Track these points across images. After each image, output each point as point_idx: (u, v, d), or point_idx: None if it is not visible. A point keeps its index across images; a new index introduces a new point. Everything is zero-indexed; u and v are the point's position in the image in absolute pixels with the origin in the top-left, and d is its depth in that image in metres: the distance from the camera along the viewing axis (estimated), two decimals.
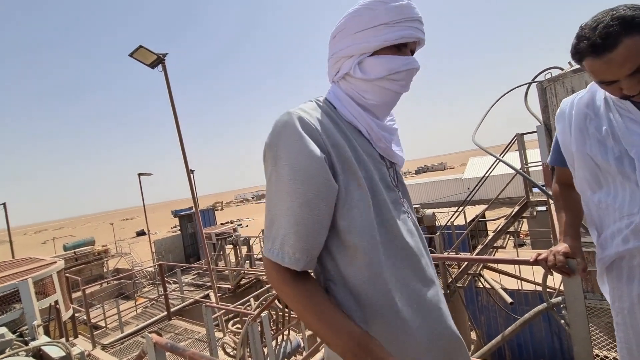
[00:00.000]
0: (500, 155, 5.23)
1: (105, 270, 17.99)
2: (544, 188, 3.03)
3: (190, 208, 16.12)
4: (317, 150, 0.65)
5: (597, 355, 1.99)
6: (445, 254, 6.09)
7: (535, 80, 4.00)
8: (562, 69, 4.10)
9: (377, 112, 0.78)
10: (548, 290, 2.89)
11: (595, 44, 0.82)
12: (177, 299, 9.23)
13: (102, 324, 8.08)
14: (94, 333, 6.55)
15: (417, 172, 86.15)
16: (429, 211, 7.56)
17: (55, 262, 4.74)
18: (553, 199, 1.34)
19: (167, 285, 11.03)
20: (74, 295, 9.97)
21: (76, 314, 7.41)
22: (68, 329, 6.27)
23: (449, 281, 5.70)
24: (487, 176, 6.51)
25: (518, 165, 5.47)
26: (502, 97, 4.18)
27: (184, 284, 10.75)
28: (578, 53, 0.88)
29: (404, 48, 0.75)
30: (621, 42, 0.79)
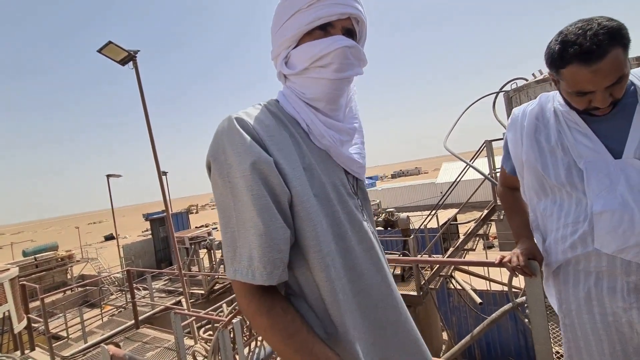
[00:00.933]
0: (470, 161, 5.44)
1: (69, 277, 16.97)
2: None
3: (163, 211, 15.57)
4: (265, 153, 0.61)
5: (557, 352, 2.09)
6: (419, 257, 6.22)
7: (502, 90, 4.22)
8: (526, 80, 4.35)
9: (322, 107, 0.71)
10: (513, 290, 3.02)
11: (588, 51, 0.80)
12: (147, 306, 8.86)
13: (64, 334, 7.61)
14: (54, 344, 6.15)
15: (393, 176, 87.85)
16: (403, 215, 7.71)
17: (8, 269, 4.41)
18: (501, 202, 1.39)
19: (137, 291, 10.61)
20: (32, 305, 9.33)
21: (34, 325, 6.93)
22: (23, 341, 5.84)
23: (422, 283, 5.82)
24: (458, 181, 6.73)
25: (487, 171, 5.71)
26: (471, 105, 4.36)
27: (154, 290, 10.34)
28: (563, 58, 0.86)
29: (332, 29, 0.68)
30: (609, 52, 0.80)
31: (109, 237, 42.48)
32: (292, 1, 0.68)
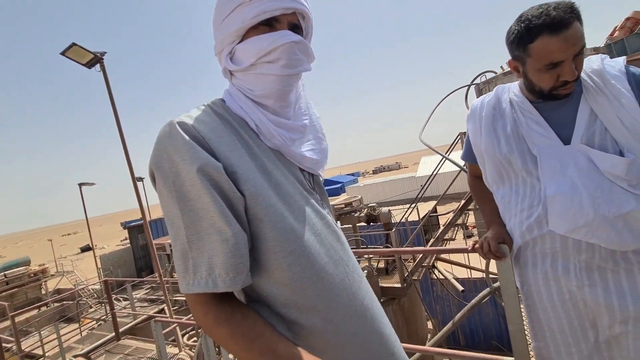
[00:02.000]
0: (445, 153, 5.57)
1: (43, 292, 16.19)
2: None
3: (141, 219, 15.09)
4: (213, 159, 0.58)
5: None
6: (404, 247, 6.32)
7: (473, 83, 4.35)
8: (495, 72, 4.50)
9: (271, 105, 0.69)
10: (491, 275, 3.12)
11: (557, 20, 0.86)
12: (129, 316, 8.58)
13: (40, 352, 7.25)
14: None
15: (375, 171, 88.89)
16: (385, 209, 7.82)
17: None
18: (470, 189, 1.44)
19: (117, 302, 10.25)
20: (3, 325, 8.85)
21: (6, 345, 6.56)
22: None
23: (405, 275, 5.93)
24: (436, 174, 6.89)
25: (462, 162, 5.85)
26: (444, 98, 4.47)
27: (136, 300, 10.03)
28: (532, 31, 0.90)
29: (277, 24, 0.66)
30: (573, 22, 0.87)
31: (86, 249, 40.83)
32: None
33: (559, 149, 0.99)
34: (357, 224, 8.26)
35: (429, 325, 7.72)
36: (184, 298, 10.08)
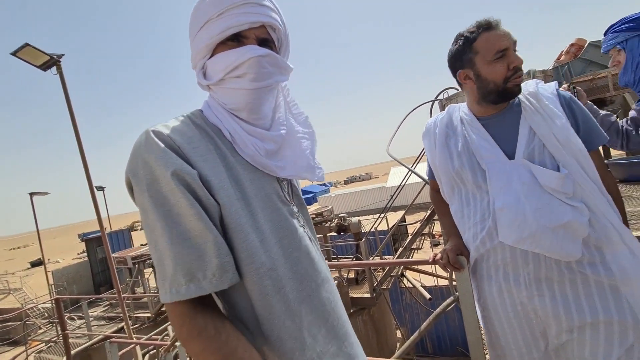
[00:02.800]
0: (412, 166, 5.76)
1: None
2: None
3: (100, 230, 14.17)
4: (187, 166, 0.60)
5: None
6: (370, 259, 6.41)
7: (437, 98, 4.56)
8: (457, 89, 4.76)
9: (247, 117, 0.70)
10: (454, 284, 3.24)
11: (489, 22, 1.05)
12: (83, 337, 7.96)
13: None
14: None
15: (346, 182, 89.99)
16: (355, 219, 7.91)
17: None
18: (433, 204, 1.49)
19: (71, 322, 9.47)
20: None
21: None
22: None
23: (374, 285, 5.99)
24: (404, 185, 7.09)
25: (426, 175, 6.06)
26: (410, 112, 4.64)
27: (92, 319, 9.34)
28: (473, 34, 1.06)
29: (244, 39, 0.67)
30: (499, 25, 1.06)
31: (37, 263, 37.65)
32: (203, 10, 0.66)
33: (505, 164, 1.06)
34: (328, 234, 8.28)
35: (398, 334, 7.82)
36: (147, 314, 9.51)
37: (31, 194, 13.71)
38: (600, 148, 1.17)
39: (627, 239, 0.98)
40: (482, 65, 1.05)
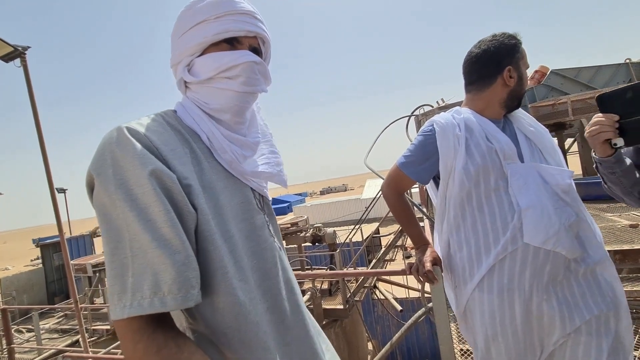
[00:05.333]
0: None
1: None
2: (420, 207, 3.51)
3: (59, 235, 13.22)
4: (166, 168, 0.56)
5: (462, 349, 2.31)
6: (344, 269, 6.40)
7: (413, 114, 4.73)
8: (432, 106, 4.96)
9: (227, 120, 0.70)
10: (426, 295, 3.29)
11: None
12: (32, 351, 7.31)
13: None
14: None
15: (322, 192, 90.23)
16: (330, 229, 7.91)
17: None
18: (393, 208, 1.34)
19: (19, 334, 8.67)
20: None
21: None
22: None
23: (347, 296, 5.97)
24: (378, 197, 7.20)
25: None
26: (387, 127, 4.77)
27: (44, 331, 8.62)
28: (518, 42, 1.16)
29: (239, 45, 0.69)
30: None
31: None
32: (198, 10, 0.67)
33: (520, 165, 1.10)
34: (303, 244, 8.21)
35: (370, 346, 7.80)
36: (105, 327, 8.90)
37: None
38: None
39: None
40: (524, 70, 1.16)
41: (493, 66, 1.15)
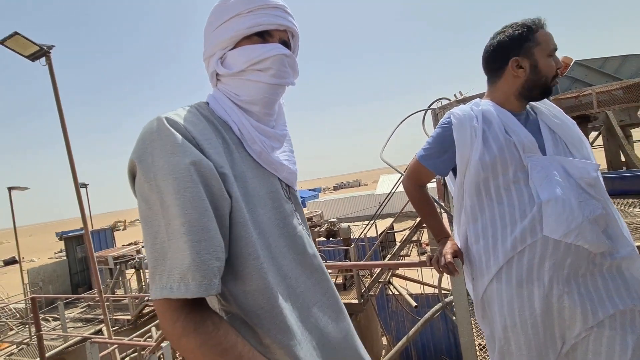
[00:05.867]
0: (404, 172, 5.84)
1: None
2: (439, 201, 3.48)
3: (82, 228, 13.71)
4: (204, 157, 0.59)
5: (480, 344, 2.29)
6: (363, 261, 6.40)
7: (430, 108, 4.66)
8: (449, 100, 4.88)
9: (257, 112, 0.72)
10: (443, 291, 3.27)
11: (543, 22, 1.10)
12: (58, 339, 7.64)
13: None
14: None
15: (335, 188, 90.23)
16: (344, 224, 7.92)
17: None
18: (414, 201, 1.35)
19: (46, 323, 9.07)
20: None
21: None
22: None
23: (362, 291, 5.99)
24: (394, 192, 7.15)
25: None
26: (403, 121, 4.72)
27: (69, 320, 9.00)
28: (535, 25, 1.10)
29: (270, 38, 0.71)
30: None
31: (10, 261, 36.12)
32: (231, 5, 0.69)
33: (541, 158, 1.09)
34: (317, 239, 8.25)
35: (384, 341, 7.81)
36: (126, 317, 9.22)
37: (10, 189, 13.20)
38: None
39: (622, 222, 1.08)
40: (541, 57, 1.08)
41: (500, 59, 1.16)
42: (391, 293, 7.34)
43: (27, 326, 9.28)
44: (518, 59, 1.11)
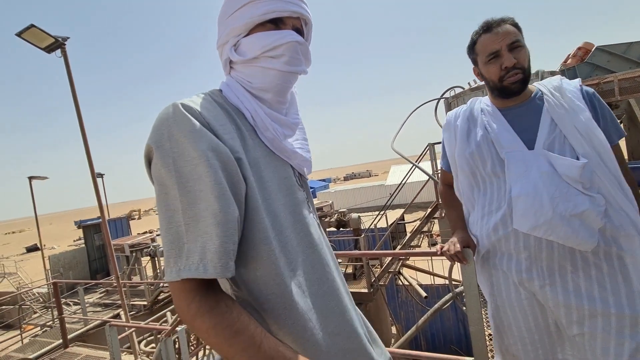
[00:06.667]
0: (415, 162, 5.79)
1: None
2: None
3: (99, 217, 14.11)
4: (221, 142, 0.59)
5: (490, 334, 2.29)
6: (374, 250, 6.43)
7: (443, 97, 4.57)
8: (463, 88, 4.77)
9: (269, 99, 0.72)
10: (453, 282, 3.27)
11: (489, 23, 1.12)
12: (79, 322, 7.97)
13: None
14: None
15: (346, 178, 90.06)
16: (354, 215, 7.93)
17: None
18: (441, 197, 1.53)
19: (67, 307, 9.47)
20: None
21: None
22: None
23: (372, 280, 6.02)
24: (405, 183, 7.10)
25: (430, 172, 6.11)
26: (415, 110, 4.65)
27: (88, 305, 9.35)
28: (476, 34, 1.15)
29: (283, 25, 0.71)
30: (504, 24, 1.10)
31: (32, 249, 37.60)
32: None
33: (524, 153, 1.09)
34: (327, 229, 8.30)
35: (393, 330, 7.88)
36: (142, 302, 9.54)
37: (30, 178, 13.65)
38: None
39: None
40: (482, 66, 1.15)
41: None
42: (401, 283, 7.37)
43: (49, 310, 9.71)
44: (475, 69, 1.23)
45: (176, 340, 2.70)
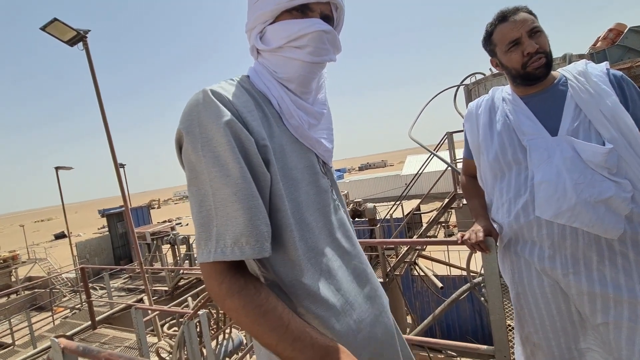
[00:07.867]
0: (434, 151, 5.68)
1: (13, 279, 15.58)
2: None
3: (121, 206, 14.63)
4: (246, 131, 0.60)
5: (509, 325, 2.27)
6: (392, 239, 6.42)
7: (462, 83, 4.43)
8: (484, 74, 4.60)
9: (295, 89, 0.71)
10: (471, 273, 3.23)
11: (504, 12, 1.11)
12: (105, 305, 8.38)
13: (9, 340, 7.00)
14: None
15: (361, 168, 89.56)
16: (370, 205, 7.91)
17: None
18: (462, 187, 1.51)
19: (93, 291, 9.96)
20: None
21: None
22: None
23: (387, 270, 6.03)
24: (421, 172, 7.00)
25: (449, 160, 5.99)
26: (434, 97, 4.53)
27: (113, 289, 9.79)
28: (492, 25, 1.14)
29: (310, 12, 0.67)
30: (520, 12, 1.10)
31: (60, 236, 39.48)
32: None
33: (547, 140, 1.07)
34: None
35: (408, 319, 7.89)
36: (164, 288, 9.91)
37: (57, 168, 14.24)
38: None
39: None
40: (501, 55, 1.14)
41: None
42: (417, 273, 7.34)
43: (77, 293, 10.23)
44: (493, 60, 1.22)
45: (197, 324, 2.80)
